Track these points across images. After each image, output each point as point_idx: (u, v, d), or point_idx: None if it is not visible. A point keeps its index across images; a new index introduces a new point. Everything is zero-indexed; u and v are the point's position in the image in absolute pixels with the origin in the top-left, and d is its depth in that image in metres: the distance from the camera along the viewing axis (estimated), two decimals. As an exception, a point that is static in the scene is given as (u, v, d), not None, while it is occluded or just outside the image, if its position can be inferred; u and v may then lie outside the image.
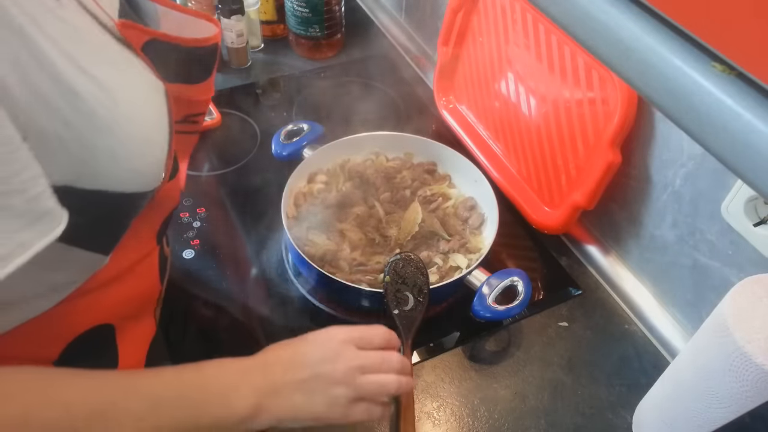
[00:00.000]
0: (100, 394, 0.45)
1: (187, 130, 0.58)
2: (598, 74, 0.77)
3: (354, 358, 0.54)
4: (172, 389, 0.48)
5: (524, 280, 0.74)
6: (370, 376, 0.55)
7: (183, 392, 0.49)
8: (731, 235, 0.67)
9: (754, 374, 0.51)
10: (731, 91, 0.27)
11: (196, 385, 0.50)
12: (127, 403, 0.45)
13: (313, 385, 0.53)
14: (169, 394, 0.48)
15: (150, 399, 0.47)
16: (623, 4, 0.31)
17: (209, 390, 0.50)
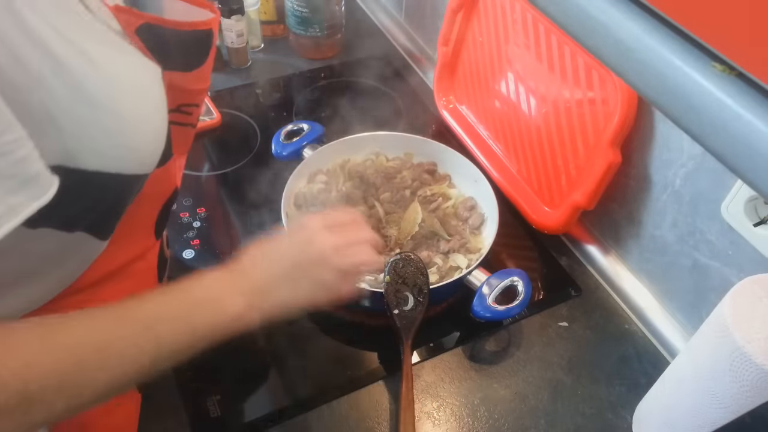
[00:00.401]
0: (97, 330, 0.45)
1: (181, 121, 0.58)
2: (598, 74, 0.77)
3: (327, 240, 0.56)
4: (164, 310, 0.49)
5: (524, 280, 0.74)
6: (346, 252, 0.57)
7: (175, 311, 0.50)
8: (731, 235, 0.67)
9: (754, 374, 0.51)
10: (731, 91, 0.27)
11: (186, 301, 0.51)
12: (124, 331, 0.46)
13: (296, 275, 0.55)
14: (163, 314, 0.49)
15: (144, 323, 0.47)
16: (623, 4, 0.31)
17: (200, 303, 0.51)
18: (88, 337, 0.45)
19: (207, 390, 0.71)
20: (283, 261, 0.56)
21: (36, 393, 0.40)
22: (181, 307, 0.50)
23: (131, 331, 0.47)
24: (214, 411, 0.69)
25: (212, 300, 0.52)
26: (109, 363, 0.45)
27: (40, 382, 0.41)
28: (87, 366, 0.43)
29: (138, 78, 0.47)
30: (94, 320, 0.46)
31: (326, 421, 0.70)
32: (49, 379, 0.41)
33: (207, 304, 0.51)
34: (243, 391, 0.72)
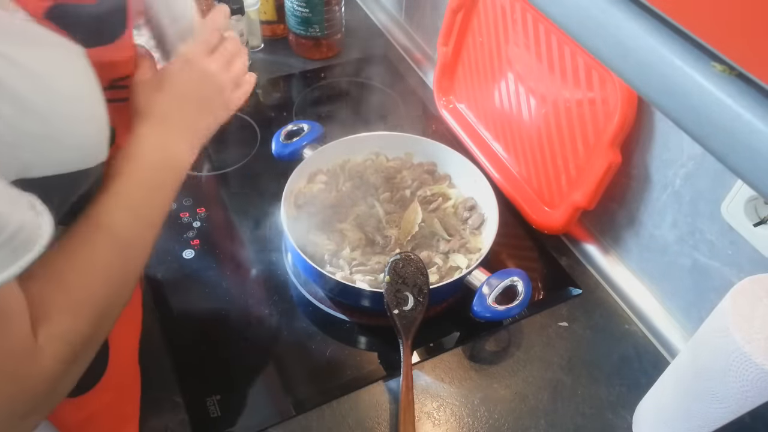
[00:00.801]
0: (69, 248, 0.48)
1: (117, 97, 0.57)
2: (598, 74, 0.77)
3: (213, 64, 0.62)
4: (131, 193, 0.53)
5: (524, 280, 0.74)
6: (231, 70, 0.64)
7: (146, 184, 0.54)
8: (731, 235, 0.67)
9: (754, 374, 0.51)
10: (731, 91, 0.27)
11: (150, 170, 0.55)
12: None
13: (206, 105, 0.61)
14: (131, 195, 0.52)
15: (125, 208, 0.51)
16: (623, 4, 0.31)
17: (161, 167, 0.56)
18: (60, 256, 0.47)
19: (207, 390, 0.71)
20: (192, 98, 0.60)
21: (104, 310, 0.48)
22: (148, 178, 0.54)
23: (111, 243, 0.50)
24: (214, 411, 0.69)
25: (167, 158, 0.56)
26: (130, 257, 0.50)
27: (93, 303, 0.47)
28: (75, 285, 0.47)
29: (65, 66, 0.45)
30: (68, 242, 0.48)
31: (326, 421, 0.70)
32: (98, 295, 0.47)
33: (166, 164, 0.56)
34: (243, 391, 0.72)
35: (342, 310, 0.80)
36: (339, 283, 0.75)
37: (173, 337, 0.76)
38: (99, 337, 0.49)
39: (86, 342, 0.47)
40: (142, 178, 0.53)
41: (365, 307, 0.79)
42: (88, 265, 0.48)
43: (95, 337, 0.48)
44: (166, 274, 0.83)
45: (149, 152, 0.55)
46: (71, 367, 0.45)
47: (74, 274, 0.47)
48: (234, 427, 0.69)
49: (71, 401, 0.55)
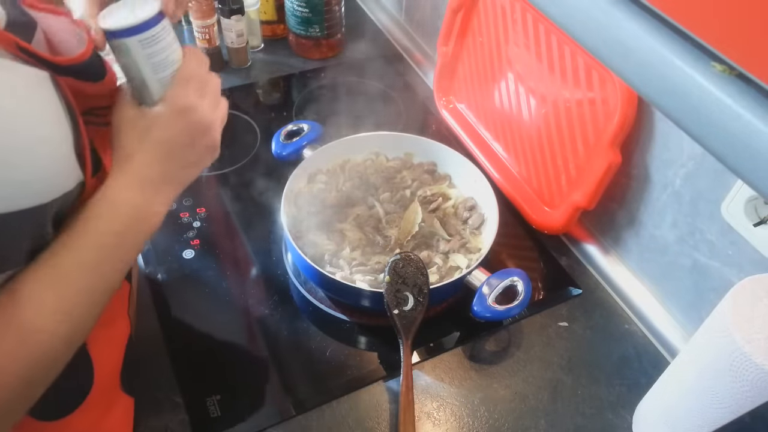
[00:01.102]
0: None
1: (96, 122, 0.54)
2: (598, 74, 0.77)
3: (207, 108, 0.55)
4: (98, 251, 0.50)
5: (524, 280, 0.74)
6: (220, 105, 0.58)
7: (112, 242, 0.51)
8: (731, 235, 0.67)
9: (754, 374, 0.51)
10: (731, 91, 0.27)
11: (118, 227, 0.51)
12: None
13: (197, 154, 0.56)
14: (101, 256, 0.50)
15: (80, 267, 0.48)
16: (623, 4, 0.31)
17: (132, 225, 0.52)
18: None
19: (207, 390, 0.71)
20: (180, 151, 0.55)
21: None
22: (113, 232, 0.50)
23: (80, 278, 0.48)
24: (214, 411, 0.69)
25: (139, 214, 0.52)
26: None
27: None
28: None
29: (29, 99, 0.43)
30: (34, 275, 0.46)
31: (326, 421, 0.70)
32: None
33: (137, 217, 0.52)
34: (243, 391, 0.72)
35: (342, 310, 0.80)
36: (339, 283, 0.75)
37: (173, 337, 0.76)
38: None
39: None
40: (107, 231, 0.50)
41: (365, 307, 0.79)
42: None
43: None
44: (165, 274, 0.83)
45: (121, 205, 0.51)
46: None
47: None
48: (234, 427, 0.69)
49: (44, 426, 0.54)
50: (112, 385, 0.63)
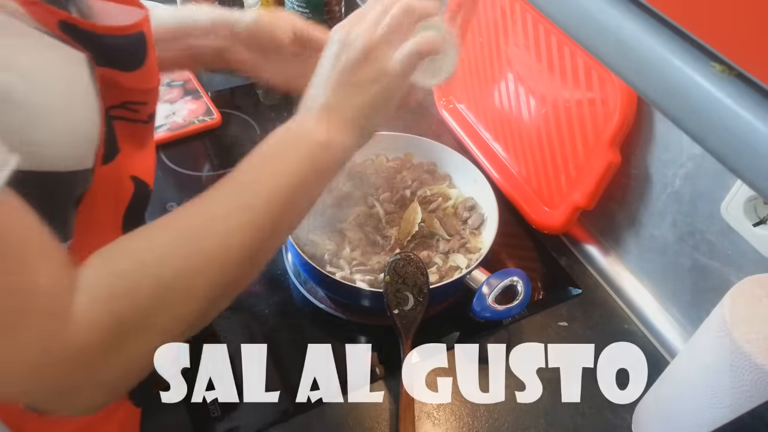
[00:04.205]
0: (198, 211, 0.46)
1: (127, 116, 0.53)
2: (598, 74, 0.77)
3: (355, 30, 0.53)
4: (254, 165, 0.51)
5: (524, 280, 0.74)
6: (380, 22, 0.53)
7: (265, 159, 0.52)
8: (731, 235, 0.67)
9: (754, 374, 0.51)
10: (731, 91, 0.27)
11: (273, 149, 0.52)
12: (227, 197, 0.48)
13: (352, 79, 0.52)
14: (254, 168, 0.51)
15: (240, 183, 0.49)
16: (623, 4, 0.31)
17: (286, 146, 0.53)
18: (192, 220, 0.45)
19: (207, 390, 0.71)
20: (333, 73, 0.53)
21: (169, 282, 0.41)
22: (266, 158, 0.50)
23: (231, 195, 0.47)
24: (214, 411, 0.69)
25: (293, 139, 0.52)
26: (223, 230, 0.44)
27: (168, 270, 0.41)
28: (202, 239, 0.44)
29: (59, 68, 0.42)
30: (195, 204, 0.46)
31: (326, 421, 0.70)
32: (174, 265, 0.42)
33: (290, 145, 0.51)
34: (243, 391, 0.72)
35: (342, 310, 0.80)
36: (339, 283, 0.75)
37: (173, 337, 0.76)
38: (162, 321, 0.41)
39: (139, 322, 0.40)
40: (258, 155, 0.51)
41: (365, 307, 0.79)
42: (175, 225, 0.44)
43: (157, 317, 0.41)
44: (166, 274, 0.83)
45: (277, 136, 0.52)
46: (114, 348, 0.39)
47: (156, 234, 0.43)
48: (234, 427, 0.69)
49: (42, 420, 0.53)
50: None
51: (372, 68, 0.51)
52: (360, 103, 0.52)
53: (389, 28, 0.52)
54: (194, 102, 1.07)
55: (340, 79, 0.52)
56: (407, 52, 0.51)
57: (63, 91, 0.43)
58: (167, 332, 0.42)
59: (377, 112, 0.54)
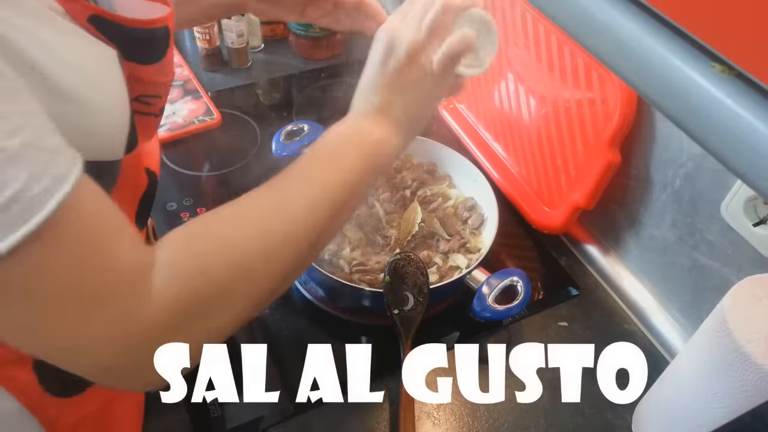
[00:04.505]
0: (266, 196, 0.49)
1: (141, 110, 0.55)
2: (598, 74, 0.77)
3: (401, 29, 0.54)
4: (313, 159, 0.52)
5: (524, 280, 0.74)
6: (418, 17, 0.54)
7: (324, 153, 0.53)
8: (731, 235, 0.67)
9: (754, 374, 0.51)
10: (731, 91, 0.27)
11: (330, 144, 0.54)
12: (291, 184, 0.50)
13: (399, 80, 0.55)
14: (313, 161, 0.52)
15: (301, 173, 0.50)
16: (623, 4, 0.31)
17: (345, 142, 0.54)
18: (257, 204, 0.48)
19: (207, 390, 0.71)
20: (381, 76, 0.56)
21: (242, 261, 0.44)
22: (326, 154, 0.52)
23: (289, 188, 0.49)
24: (214, 411, 0.69)
25: (350, 137, 0.54)
26: (282, 218, 0.47)
27: (240, 250, 0.44)
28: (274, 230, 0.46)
29: (96, 60, 0.44)
30: (257, 193, 0.48)
31: (326, 421, 0.70)
32: (246, 245, 0.44)
33: (347, 142, 0.53)
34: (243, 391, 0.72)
35: (342, 310, 0.80)
36: (339, 283, 0.75)
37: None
38: (236, 298, 0.44)
39: (216, 299, 0.42)
40: (316, 151, 0.52)
41: (365, 307, 0.79)
42: (247, 210, 0.47)
43: (232, 294, 0.43)
44: (166, 274, 0.83)
45: (335, 132, 0.54)
46: (191, 324, 0.41)
47: (230, 217, 0.46)
48: (234, 427, 0.69)
49: (62, 402, 0.54)
50: None
51: (416, 71, 0.54)
52: (407, 104, 0.55)
53: (430, 30, 0.54)
54: (194, 102, 1.07)
55: (388, 83, 0.55)
56: (443, 55, 0.54)
57: (106, 85, 0.45)
58: (242, 309, 0.45)
59: (423, 111, 0.57)
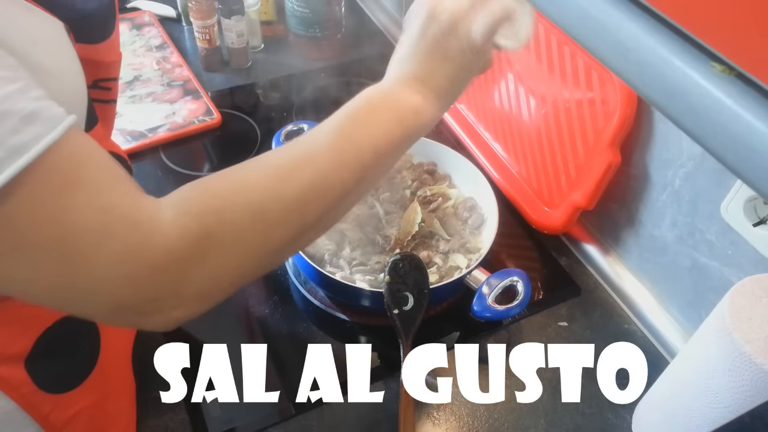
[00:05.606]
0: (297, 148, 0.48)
1: (101, 97, 0.56)
2: (598, 74, 0.77)
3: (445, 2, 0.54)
4: (348, 119, 0.50)
5: (524, 280, 0.74)
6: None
7: (359, 115, 0.51)
8: (731, 235, 0.67)
9: (754, 374, 0.51)
10: (731, 91, 0.27)
11: (365, 108, 0.52)
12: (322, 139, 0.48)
13: (439, 50, 0.54)
14: (350, 122, 0.50)
15: (336, 130, 0.49)
16: (623, 4, 0.31)
17: (379, 105, 0.52)
18: (285, 155, 0.47)
19: (207, 389, 0.71)
20: (421, 44, 0.55)
21: (261, 206, 0.43)
22: (359, 115, 0.51)
23: (318, 144, 0.47)
24: (214, 411, 0.69)
25: (385, 102, 0.52)
26: (308, 170, 0.46)
27: (260, 195, 0.43)
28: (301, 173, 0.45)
29: (42, 28, 0.45)
30: (287, 146, 0.48)
31: (326, 421, 0.70)
32: (267, 191, 0.44)
33: (382, 106, 0.52)
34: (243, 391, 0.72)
35: (342, 310, 0.80)
36: (339, 283, 0.75)
37: (173, 336, 0.76)
38: (251, 241, 0.43)
39: (231, 238, 0.41)
40: (353, 110, 0.51)
41: (365, 307, 0.79)
42: (275, 158, 0.46)
43: (246, 236, 0.42)
44: (166, 274, 0.83)
45: (370, 95, 0.53)
46: (200, 259, 0.40)
47: (256, 164, 0.46)
48: (234, 427, 0.69)
49: (55, 398, 0.54)
50: (118, 367, 0.63)
51: (457, 41, 0.53)
52: (447, 74, 0.55)
53: (473, 1, 0.54)
54: (194, 102, 1.07)
55: (429, 51, 0.54)
56: (482, 25, 0.53)
57: (56, 53, 0.45)
58: (257, 255, 0.44)
59: (461, 82, 0.56)
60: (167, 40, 1.20)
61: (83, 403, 0.58)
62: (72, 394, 0.56)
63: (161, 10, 1.28)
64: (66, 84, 0.46)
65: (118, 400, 0.64)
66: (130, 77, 1.12)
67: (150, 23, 1.25)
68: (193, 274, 0.40)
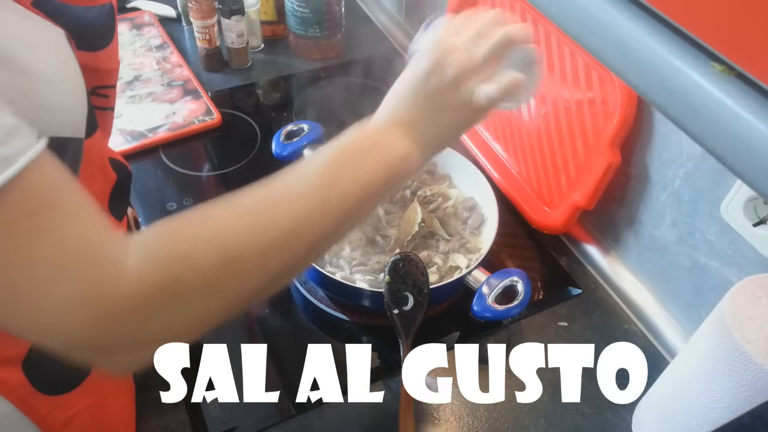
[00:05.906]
0: (270, 190, 0.46)
1: (100, 104, 0.55)
2: (598, 74, 0.77)
3: (453, 50, 0.52)
4: (330, 162, 0.49)
5: (524, 280, 0.74)
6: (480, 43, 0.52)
7: (341, 160, 0.50)
8: (731, 235, 0.67)
9: (754, 374, 0.51)
10: (731, 91, 0.27)
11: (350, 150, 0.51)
12: (297, 186, 0.47)
13: (438, 101, 0.52)
14: (329, 166, 0.49)
15: (315, 174, 0.48)
16: (623, 4, 0.31)
17: (364, 150, 0.51)
18: (264, 197, 0.46)
19: (207, 389, 0.71)
20: (421, 90, 0.53)
21: (236, 253, 0.41)
22: (346, 156, 0.50)
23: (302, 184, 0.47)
24: (214, 411, 0.69)
25: (375, 145, 0.51)
26: (290, 213, 0.44)
27: (236, 242, 0.41)
28: (266, 219, 0.44)
29: (42, 35, 0.44)
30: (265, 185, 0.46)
31: (326, 421, 0.70)
32: (243, 237, 0.42)
33: (371, 149, 0.51)
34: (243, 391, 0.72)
35: (342, 310, 0.80)
36: (339, 283, 0.75)
37: (173, 337, 0.76)
38: (223, 290, 0.41)
39: (202, 286, 0.40)
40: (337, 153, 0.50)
41: (365, 307, 0.79)
42: (253, 201, 0.45)
43: (218, 285, 0.41)
44: (166, 274, 0.83)
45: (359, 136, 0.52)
46: (167, 306, 0.39)
47: (231, 207, 0.44)
48: (234, 427, 0.69)
49: (53, 399, 0.54)
50: None
51: (460, 96, 0.52)
52: (441, 125, 0.53)
53: (485, 60, 0.52)
54: (194, 102, 1.07)
55: (428, 99, 0.53)
56: (494, 93, 0.51)
57: (55, 59, 0.44)
58: (228, 303, 0.42)
59: (453, 135, 0.55)
60: (167, 40, 1.20)
61: (82, 405, 0.58)
62: (70, 395, 0.56)
63: (161, 10, 1.28)
64: (66, 91, 0.45)
65: (118, 400, 0.64)
66: (130, 77, 1.12)
67: (150, 23, 1.25)
68: (154, 323, 0.39)
